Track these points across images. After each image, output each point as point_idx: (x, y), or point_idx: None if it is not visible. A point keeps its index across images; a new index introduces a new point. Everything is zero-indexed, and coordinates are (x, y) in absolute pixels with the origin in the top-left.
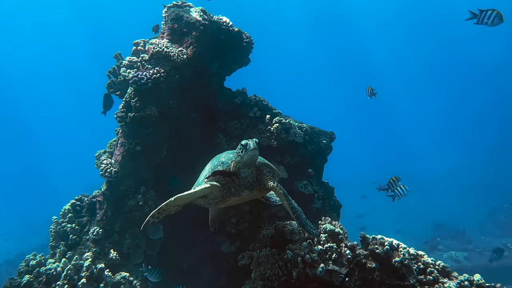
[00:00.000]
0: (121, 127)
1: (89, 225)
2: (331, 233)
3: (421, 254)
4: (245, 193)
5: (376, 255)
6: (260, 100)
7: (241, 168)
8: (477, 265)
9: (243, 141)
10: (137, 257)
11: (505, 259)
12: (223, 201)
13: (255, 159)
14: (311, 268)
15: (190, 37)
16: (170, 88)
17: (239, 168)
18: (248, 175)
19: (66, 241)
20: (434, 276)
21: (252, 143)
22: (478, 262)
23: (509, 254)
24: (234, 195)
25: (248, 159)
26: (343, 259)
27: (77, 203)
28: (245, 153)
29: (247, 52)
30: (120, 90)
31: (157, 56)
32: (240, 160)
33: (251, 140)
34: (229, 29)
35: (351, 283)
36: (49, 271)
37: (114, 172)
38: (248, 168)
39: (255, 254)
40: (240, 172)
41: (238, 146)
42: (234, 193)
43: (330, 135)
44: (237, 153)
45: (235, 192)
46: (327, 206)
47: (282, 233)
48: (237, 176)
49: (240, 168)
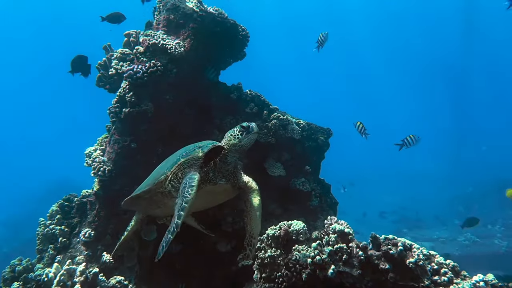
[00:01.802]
0: (114, 123)
1: (80, 226)
2: (340, 234)
3: (434, 254)
4: (221, 183)
5: (390, 256)
6: (256, 95)
7: (232, 152)
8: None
9: (244, 123)
10: (130, 260)
11: (468, 248)
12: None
13: (251, 144)
14: (321, 269)
15: (187, 29)
16: (167, 82)
17: (228, 152)
18: (232, 162)
19: (55, 244)
20: (448, 276)
21: (255, 126)
22: (442, 251)
23: (469, 243)
24: (210, 182)
25: (247, 142)
26: (353, 260)
27: (66, 203)
28: (246, 135)
29: (242, 46)
30: (110, 84)
31: (153, 48)
32: (237, 143)
33: (252, 123)
34: (225, 21)
35: (362, 284)
36: (40, 277)
37: (108, 170)
38: (236, 154)
39: (260, 255)
40: (228, 155)
41: (235, 128)
42: (212, 179)
43: (327, 132)
44: (233, 135)
45: (213, 178)
46: (324, 203)
47: (288, 233)
48: (222, 159)
49: (231, 151)
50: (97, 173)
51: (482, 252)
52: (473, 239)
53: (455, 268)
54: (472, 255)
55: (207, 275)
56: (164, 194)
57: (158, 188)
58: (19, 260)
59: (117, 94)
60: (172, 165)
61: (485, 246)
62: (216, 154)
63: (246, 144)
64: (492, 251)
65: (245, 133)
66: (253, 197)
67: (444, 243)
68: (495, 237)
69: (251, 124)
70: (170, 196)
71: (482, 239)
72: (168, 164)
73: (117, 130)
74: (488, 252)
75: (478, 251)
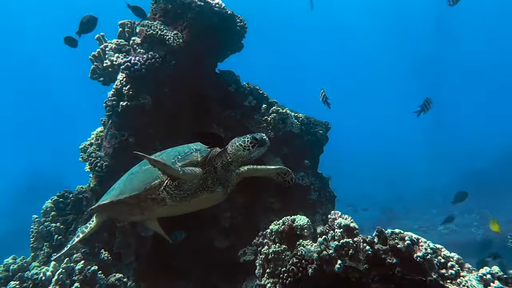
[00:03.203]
0: (110, 117)
1: (76, 223)
2: (345, 228)
3: (440, 247)
4: (219, 191)
5: (397, 250)
6: (255, 88)
7: (237, 162)
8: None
9: (257, 135)
10: (128, 257)
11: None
12: (190, 196)
13: (259, 156)
14: (328, 264)
15: (185, 19)
16: (166, 74)
17: (233, 161)
18: (235, 171)
19: (51, 242)
20: (455, 270)
21: (267, 139)
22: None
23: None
24: (208, 190)
25: (257, 155)
26: (360, 254)
27: (60, 199)
28: (258, 148)
29: (240, 37)
30: (104, 76)
31: (150, 39)
32: (246, 155)
33: (263, 135)
34: (222, 12)
35: (369, 279)
36: (37, 276)
37: (105, 166)
38: (241, 164)
39: (264, 250)
40: (232, 164)
41: (245, 138)
42: (210, 187)
43: (326, 125)
44: (243, 146)
45: (211, 186)
46: (323, 197)
47: (291, 228)
48: (224, 167)
49: (236, 161)
50: (94, 169)
51: (460, 240)
52: (451, 228)
53: (459, 261)
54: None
55: (205, 271)
56: (156, 201)
57: (150, 194)
58: (13, 259)
59: (113, 86)
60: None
61: (462, 234)
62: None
63: (255, 156)
64: (469, 239)
65: (257, 145)
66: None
67: (425, 232)
68: (471, 225)
69: (264, 137)
70: (162, 203)
71: (460, 228)
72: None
73: (114, 124)
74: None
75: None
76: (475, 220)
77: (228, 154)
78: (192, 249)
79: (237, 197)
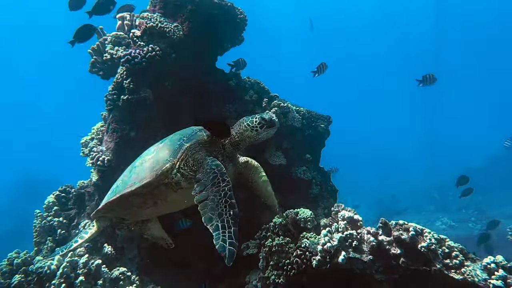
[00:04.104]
0: (110, 111)
1: (78, 218)
2: (349, 220)
3: (444, 238)
4: (230, 168)
5: (401, 241)
6: (256, 82)
7: (244, 141)
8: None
9: (265, 115)
10: (131, 251)
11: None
12: None
13: (267, 138)
14: (332, 256)
15: (185, 11)
16: (166, 68)
17: (241, 141)
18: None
19: (54, 236)
20: (460, 259)
21: (277, 120)
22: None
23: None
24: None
25: (265, 136)
26: (364, 246)
27: (62, 194)
28: (266, 129)
29: (240, 30)
30: (103, 70)
31: (150, 32)
32: (253, 135)
33: (273, 115)
34: (222, 4)
35: (373, 269)
36: (41, 270)
37: (107, 160)
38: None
39: (267, 243)
40: (240, 143)
41: (253, 118)
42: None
43: (327, 119)
44: (251, 126)
45: (222, 163)
46: (325, 191)
47: (295, 221)
48: (233, 145)
49: (243, 141)
50: (96, 163)
51: (458, 235)
52: (449, 223)
53: (463, 251)
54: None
55: (208, 265)
56: (170, 186)
57: (163, 179)
58: (16, 253)
59: (113, 80)
60: (174, 151)
61: (460, 230)
62: (221, 136)
63: (263, 137)
64: (467, 234)
65: (265, 126)
66: (259, 175)
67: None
68: (469, 221)
69: (273, 117)
70: (177, 187)
71: (458, 223)
72: (163, 152)
73: (115, 118)
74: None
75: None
76: (473, 216)
77: (236, 133)
78: (194, 243)
79: (238, 192)
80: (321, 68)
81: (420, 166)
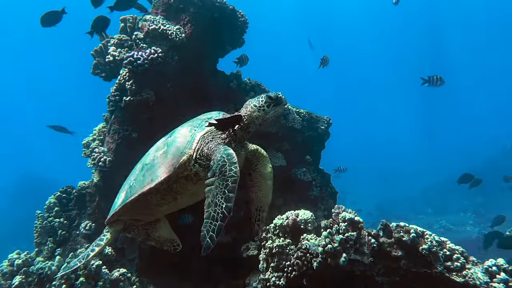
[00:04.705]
0: (113, 112)
1: (79, 219)
2: (350, 222)
3: (445, 240)
4: (242, 153)
5: (402, 243)
6: (256, 84)
7: (253, 124)
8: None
9: (271, 94)
10: (131, 252)
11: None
12: None
13: (276, 117)
14: (333, 258)
15: (187, 14)
16: (169, 69)
17: (250, 123)
18: (252, 132)
19: (54, 237)
20: (461, 262)
21: (284, 97)
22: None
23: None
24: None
25: (273, 115)
26: (365, 248)
27: (63, 195)
28: (273, 108)
29: (241, 32)
30: (105, 72)
31: (153, 34)
32: (261, 116)
33: (279, 92)
34: (223, 6)
35: (373, 272)
36: (42, 271)
37: (109, 161)
38: (257, 125)
39: (268, 245)
40: (250, 126)
41: (259, 98)
42: (235, 150)
43: (327, 121)
44: (257, 106)
45: (235, 149)
46: (325, 193)
47: (296, 222)
48: (243, 129)
49: (253, 123)
50: (97, 164)
51: (456, 238)
52: (447, 227)
53: (464, 253)
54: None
55: (208, 267)
56: (189, 178)
57: (182, 172)
58: (17, 254)
59: (116, 82)
60: (188, 143)
61: (458, 233)
62: (233, 124)
63: (272, 117)
64: (465, 238)
65: (272, 105)
66: (264, 164)
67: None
68: (467, 224)
69: (279, 95)
70: (196, 179)
71: (456, 226)
72: (176, 145)
73: (117, 119)
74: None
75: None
76: (471, 219)
77: (244, 116)
78: (194, 245)
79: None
80: (324, 61)
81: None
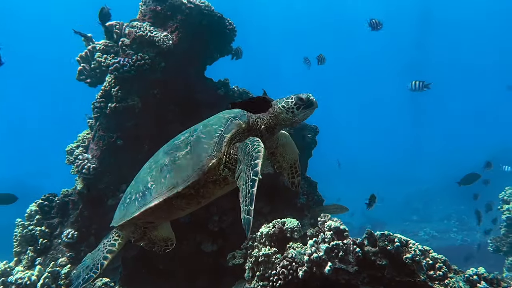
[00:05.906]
0: (98, 118)
1: (61, 227)
2: (335, 231)
3: (428, 249)
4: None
5: (387, 252)
6: (244, 91)
7: (280, 125)
8: None
9: (302, 95)
10: (115, 261)
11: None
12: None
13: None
14: (318, 266)
15: (175, 21)
16: (155, 76)
17: (276, 124)
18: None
19: (35, 246)
20: (443, 271)
21: (315, 99)
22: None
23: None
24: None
25: (302, 118)
26: (350, 256)
27: (45, 203)
28: (303, 110)
29: (229, 40)
30: (91, 78)
31: (139, 40)
32: (289, 118)
33: (310, 94)
34: (211, 14)
35: (358, 280)
36: (21, 281)
37: (93, 168)
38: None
39: (254, 253)
40: (276, 127)
41: (288, 99)
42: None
43: (314, 129)
44: (286, 107)
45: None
46: (311, 201)
47: (282, 231)
48: (269, 130)
49: (279, 124)
50: (81, 171)
51: (440, 245)
52: (432, 234)
53: (446, 262)
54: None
55: (192, 276)
56: (217, 183)
57: (211, 176)
58: None
59: (101, 88)
60: (216, 145)
61: (442, 240)
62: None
63: (300, 119)
64: (449, 245)
65: (302, 107)
66: (283, 136)
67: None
68: (451, 231)
69: (310, 97)
70: (224, 183)
71: (440, 234)
72: (201, 146)
73: (101, 126)
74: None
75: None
76: (454, 226)
77: (270, 117)
78: (179, 253)
79: (224, 201)
80: (321, 59)
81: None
